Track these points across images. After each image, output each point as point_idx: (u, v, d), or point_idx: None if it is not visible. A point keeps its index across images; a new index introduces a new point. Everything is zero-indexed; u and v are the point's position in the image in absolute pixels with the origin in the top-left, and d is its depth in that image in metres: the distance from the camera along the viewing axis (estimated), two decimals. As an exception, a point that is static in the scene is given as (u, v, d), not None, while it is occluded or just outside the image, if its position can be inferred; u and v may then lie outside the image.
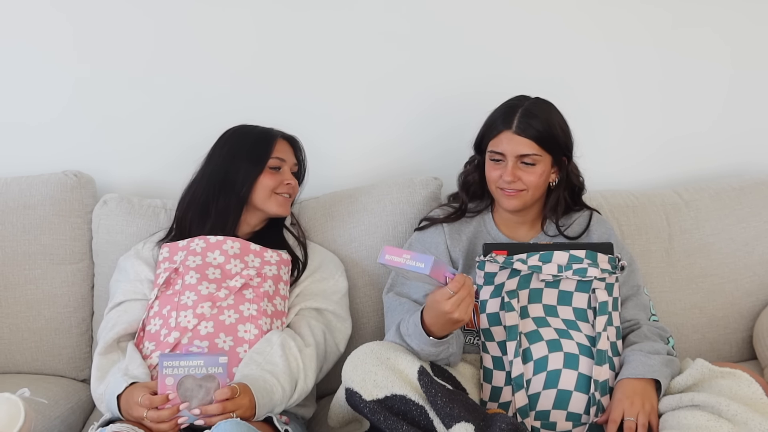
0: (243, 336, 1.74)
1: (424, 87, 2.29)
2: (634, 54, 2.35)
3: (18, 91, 2.21)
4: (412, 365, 1.60)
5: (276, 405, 1.65)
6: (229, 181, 1.88)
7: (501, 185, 1.82)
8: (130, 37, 2.20)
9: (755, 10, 2.38)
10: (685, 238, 2.19)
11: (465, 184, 1.94)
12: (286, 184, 1.92)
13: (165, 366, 1.57)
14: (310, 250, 1.98)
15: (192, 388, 1.57)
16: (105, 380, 1.72)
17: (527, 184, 1.81)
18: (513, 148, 1.80)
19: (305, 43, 2.24)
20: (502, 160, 1.82)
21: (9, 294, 2.05)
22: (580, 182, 1.92)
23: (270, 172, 1.90)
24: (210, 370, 1.58)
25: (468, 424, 1.52)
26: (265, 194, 1.89)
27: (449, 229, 1.91)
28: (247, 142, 1.91)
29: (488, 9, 2.27)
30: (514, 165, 1.80)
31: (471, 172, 1.93)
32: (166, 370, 1.57)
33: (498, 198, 1.86)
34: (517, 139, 1.79)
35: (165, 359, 1.58)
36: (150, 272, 1.88)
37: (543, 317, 1.74)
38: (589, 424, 1.68)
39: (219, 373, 1.58)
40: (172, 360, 1.58)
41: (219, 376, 1.58)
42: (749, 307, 2.19)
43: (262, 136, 1.93)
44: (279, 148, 1.92)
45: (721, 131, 2.42)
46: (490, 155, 1.84)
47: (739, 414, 1.55)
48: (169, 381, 1.57)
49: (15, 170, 2.17)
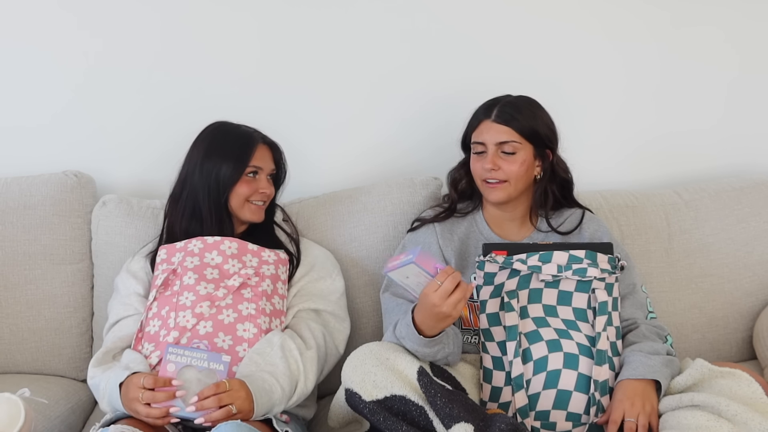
0: (242, 335, 1.74)
1: (422, 87, 2.29)
2: (634, 53, 2.35)
3: (18, 91, 2.21)
4: (411, 366, 1.60)
5: (275, 405, 1.65)
6: (211, 184, 1.85)
7: (484, 176, 1.85)
8: (130, 37, 2.20)
9: (756, 10, 2.38)
10: (685, 238, 2.19)
11: (453, 181, 1.97)
12: (260, 192, 1.88)
13: (170, 352, 1.60)
14: (304, 246, 1.97)
15: (191, 379, 1.58)
16: (105, 375, 1.72)
17: (508, 174, 1.83)
18: (492, 136, 1.83)
19: (306, 44, 2.24)
20: (484, 151, 1.85)
21: (9, 294, 2.05)
22: (569, 177, 1.93)
23: (246, 179, 1.87)
24: (212, 365, 1.60)
25: (467, 424, 1.52)
26: (239, 202, 1.87)
27: (441, 229, 1.92)
28: (227, 145, 1.87)
29: (488, 9, 2.27)
30: (495, 153, 1.83)
31: (458, 169, 1.96)
32: (170, 356, 1.60)
33: (483, 191, 1.88)
34: (495, 127, 1.83)
35: (171, 347, 1.61)
36: (138, 286, 1.88)
37: (543, 317, 1.74)
38: (589, 425, 1.68)
39: (220, 370, 1.59)
40: (178, 348, 1.61)
41: (219, 373, 1.59)
42: (749, 307, 2.19)
43: (243, 141, 1.88)
44: (258, 155, 1.88)
45: (721, 131, 2.42)
46: (473, 148, 1.88)
47: (739, 414, 1.55)
48: (170, 367, 1.59)
49: (15, 170, 2.17)
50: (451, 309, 1.55)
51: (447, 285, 1.54)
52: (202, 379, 1.58)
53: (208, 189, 1.86)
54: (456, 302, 1.55)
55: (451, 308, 1.55)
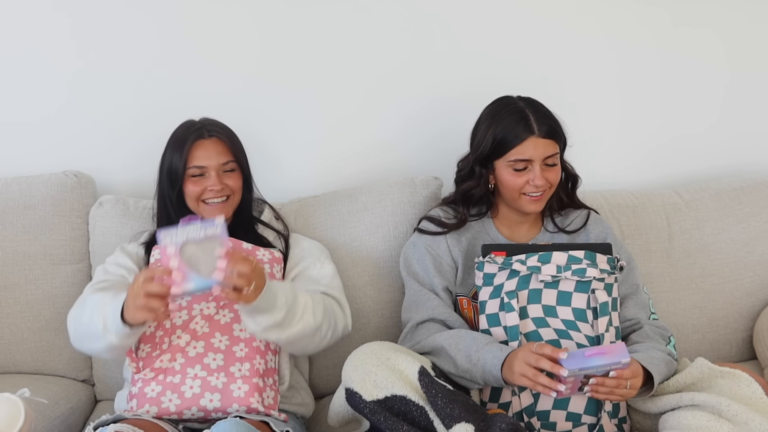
0: (239, 335, 1.74)
1: (424, 87, 2.29)
2: (634, 54, 2.35)
3: (18, 91, 2.21)
4: (412, 365, 1.60)
5: (276, 309, 1.60)
6: (166, 186, 1.83)
7: (527, 191, 1.82)
8: (130, 37, 2.20)
9: (755, 11, 2.38)
10: (685, 238, 2.19)
11: (468, 198, 1.91)
12: (209, 190, 1.80)
13: (163, 236, 1.52)
14: (293, 240, 1.94)
15: (195, 253, 1.51)
16: (93, 297, 1.70)
17: (552, 183, 1.83)
18: (540, 152, 1.79)
19: (307, 44, 2.24)
20: (527, 167, 1.80)
21: (9, 294, 2.05)
22: (575, 174, 1.93)
23: (193, 180, 1.81)
24: (208, 231, 1.52)
25: (468, 424, 1.52)
26: (193, 203, 1.83)
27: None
28: (173, 145, 1.83)
29: (489, 10, 2.27)
30: (542, 168, 1.80)
31: (474, 186, 1.88)
32: (164, 240, 1.52)
33: (521, 204, 1.84)
34: (543, 142, 1.79)
35: (162, 230, 1.53)
36: (132, 263, 1.86)
37: (542, 318, 1.74)
38: (589, 425, 1.68)
39: (218, 233, 1.52)
40: (169, 229, 1.53)
41: (219, 237, 1.52)
42: (749, 307, 2.19)
43: (180, 142, 1.82)
44: (197, 155, 1.80)
45: (721, 131, 2.42)
46: (512, 164, 1.81)
47: (739, 414, 1.55)
48: (170, 250, 1.51)
49: (15, 170, 2.17)
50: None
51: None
52: (205, 247, 1.51)
53: (166, 189, 1.84)
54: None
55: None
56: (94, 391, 2.10)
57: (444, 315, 1.79)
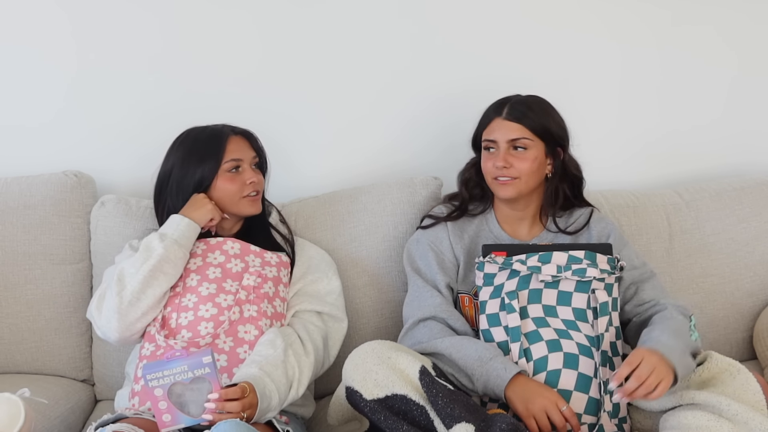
0: (243, 337, 1.74)
1: (427, 88, 2.29)
2: (635, 53, 2.35)
3: (18, 92, 2.21)
4: (413, 365, 1.60)
5: (270, 411, 1.62)
6: (189, 188, 1.83)
7: (495, 174, 1.84)
8: (130, 37, 2.20)
9: (757, 11, 2.38)
10: (686, 238, 2.19)
11: (464, 181, 1.97)
12: (249, 183, 1.84)
13: (149, 379, 1.52)
14: (299, 246, 1.95)
15: (183, 393, 1.52)
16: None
17: (520, 171, 1.82)
18: (504, 134, 1.83)
19: (309, 47, 2.24)
20: (494, 148, 1.84)
21: (9, 294, 2.05)
22: (580, 175, 1.93)
23: (229, 176, 1.83)
24: (197, 372, 1.52)
25: (468, 424, 1.52)
26: (233, 200, 1.84)
27: (452, 227, 1.92)
28: (199, 146, 1.85)
29: (491, 11, 2.28)
30: (506, 151, 1.83)
31: (468, 169, 1.96)
32: (151, 382, 1.52)
33: (494, 189, 1.87)
34: (507, 125, 1.83)
35: (148, 372, 1.52)
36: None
37: (542, 317, 1.74)
38: (589, 425, 1.68)
39: (207, 373, 1.52)
40: (155, 371, 1.52)
41: (208, 375, 1.52)
42: (749, 307, 2.19)
43: (213, 140, 1.85)
44: (232, 148, 1.84)
45: (721, 131, 2.42)
46: (484, 145, 1.87)
47: (739, 414, 1.55)
48: (158, 392, 1.52)
49: (15, 170, 2.16)
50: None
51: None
52: (195, 387, 1.53)
53: (172, 201, 1.84)
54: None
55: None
56: (94, 390, 2.10)
57: (446, 314, 1.79)
